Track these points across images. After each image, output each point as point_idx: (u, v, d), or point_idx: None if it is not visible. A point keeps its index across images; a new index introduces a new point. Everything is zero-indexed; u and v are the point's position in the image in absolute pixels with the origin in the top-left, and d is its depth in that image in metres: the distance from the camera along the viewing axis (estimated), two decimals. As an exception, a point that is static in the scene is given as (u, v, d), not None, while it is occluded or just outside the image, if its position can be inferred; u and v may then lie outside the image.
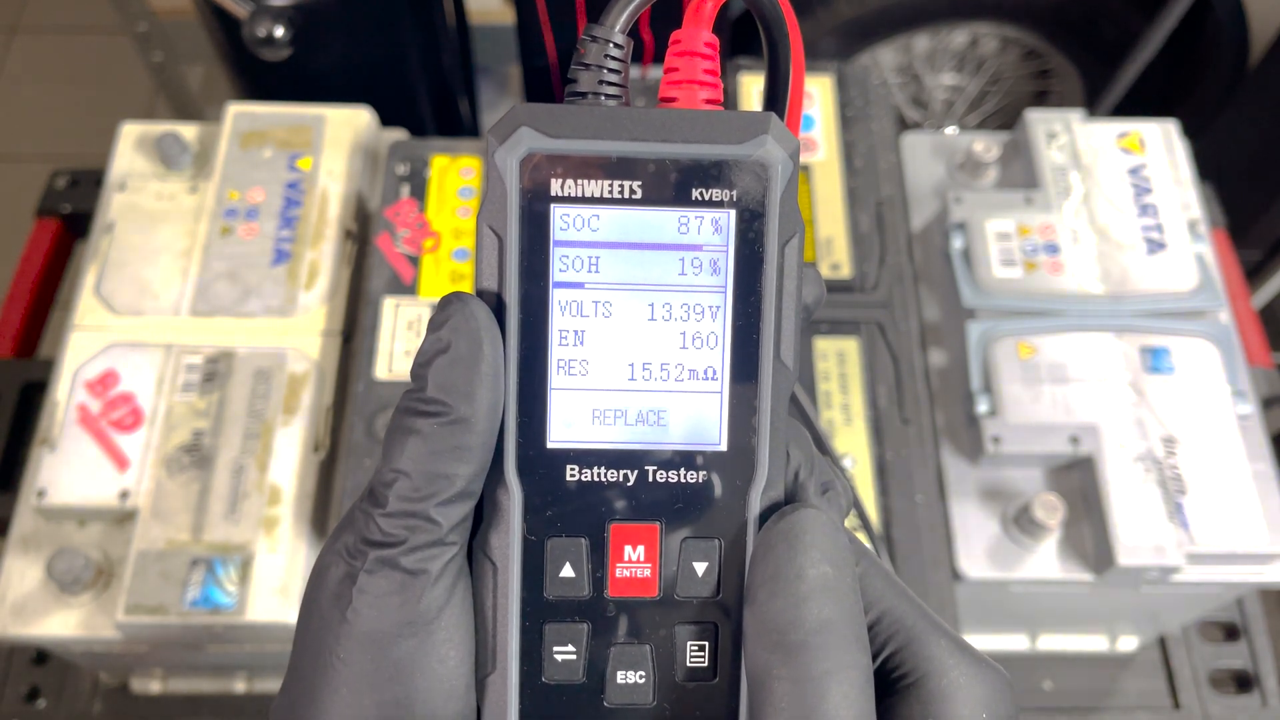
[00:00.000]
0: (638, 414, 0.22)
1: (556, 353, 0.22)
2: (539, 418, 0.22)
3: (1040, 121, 0.69)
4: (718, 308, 0.22)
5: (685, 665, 0.22)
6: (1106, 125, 0.69)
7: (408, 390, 0.22)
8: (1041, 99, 1.51)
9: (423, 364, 0.21)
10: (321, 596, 0.22)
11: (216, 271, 0.63)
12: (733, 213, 0.22)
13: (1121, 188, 0.67)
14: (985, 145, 0.69)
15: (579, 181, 0.21)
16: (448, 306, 0.21)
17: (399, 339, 0.60)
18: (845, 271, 0.62)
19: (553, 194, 0.21)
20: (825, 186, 0.65)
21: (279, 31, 0.71)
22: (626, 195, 0.21)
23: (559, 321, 0.22)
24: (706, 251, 0.22)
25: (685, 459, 0.22)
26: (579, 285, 0.22)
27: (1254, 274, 1.20)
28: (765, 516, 0.22)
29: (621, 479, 0.22)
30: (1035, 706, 0.70)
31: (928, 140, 0.73)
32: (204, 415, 0.59)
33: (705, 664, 0.22)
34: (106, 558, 0.57)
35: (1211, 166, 0.78)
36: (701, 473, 0.22)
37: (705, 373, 0.22)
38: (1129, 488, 0.57)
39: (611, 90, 0.22)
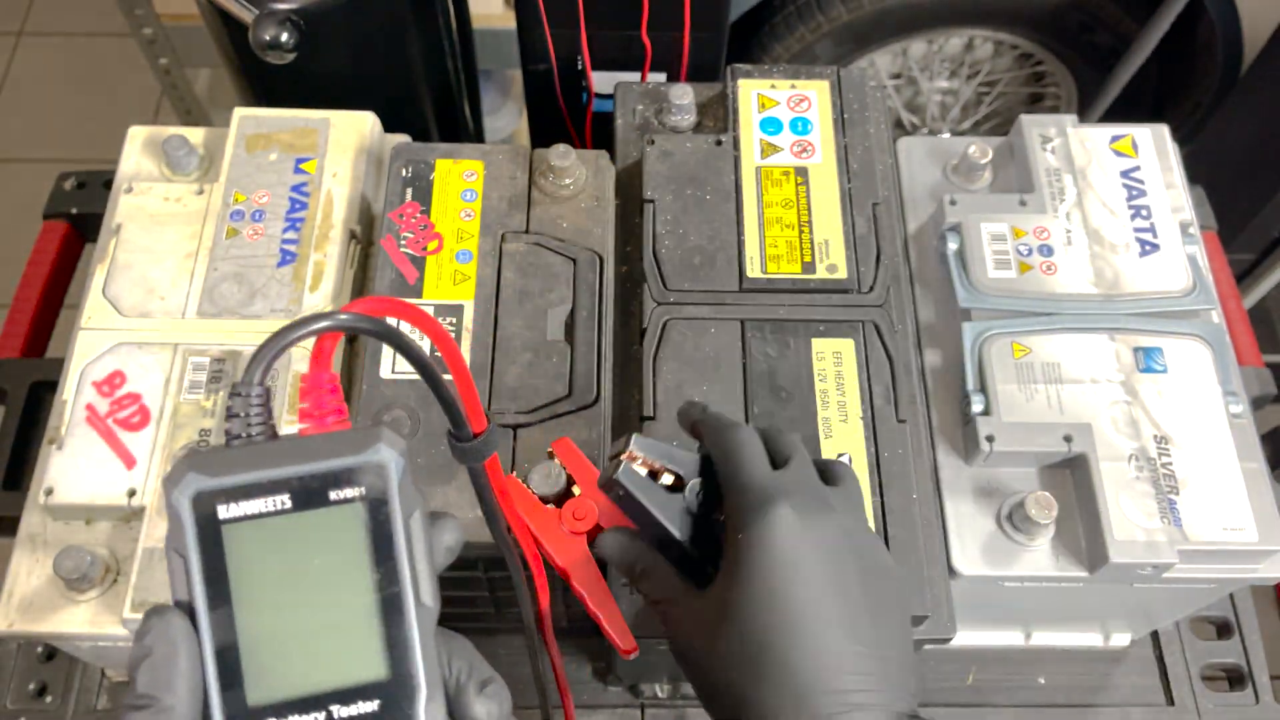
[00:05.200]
0: (316, 667, 0.28)
1: (244, 635, 0.28)
2: (238, 687, 0.27)
3: (1034, 125, 0.70)
4: (367, 575, 0.28)
5: None
6: (1100, 129, 0.70)
7: (127, 689, 0.28)
8: (1036, 103, 1.52)
9: (133, 668, 0.27)
10: None
11: (223, 273, 0.64)
12: (365, 504, 0.28)
13: (1114, 190, 0.68)
14: (980, 149, 0.70)
15: (240, 504, 0.28)
16: (149, 619, 0.28)
17: (403, 339, 0.61)
18: (842, 273, 0.63)
19: (221, 519, 0.28)
20: (822, 189, 0.66)
21: (284, 36, 0.72)
22: (280, 507, 0.28)
23: (241, 612, 0.28)
24: (349, 535, 0.28)
25: (360, 692, 0.28)
26: (254, 581, 0.28)
27: (1244, 276, 1.21)
28: None
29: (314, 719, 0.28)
30: (1029, 702, 0.71)
31: (923, 144, 0.74)
32: (210, 414, 0.60)
33: None
34: (114, 555, 0.58)
35: (1203, 170, 0.79)
36: (375, 701, 0.28)
37: (365, 624, 0.28)
38: (1122, 486, 0.58)
39: (258, 429, 0.29)
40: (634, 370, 0.62)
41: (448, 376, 0.33)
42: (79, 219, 0.79)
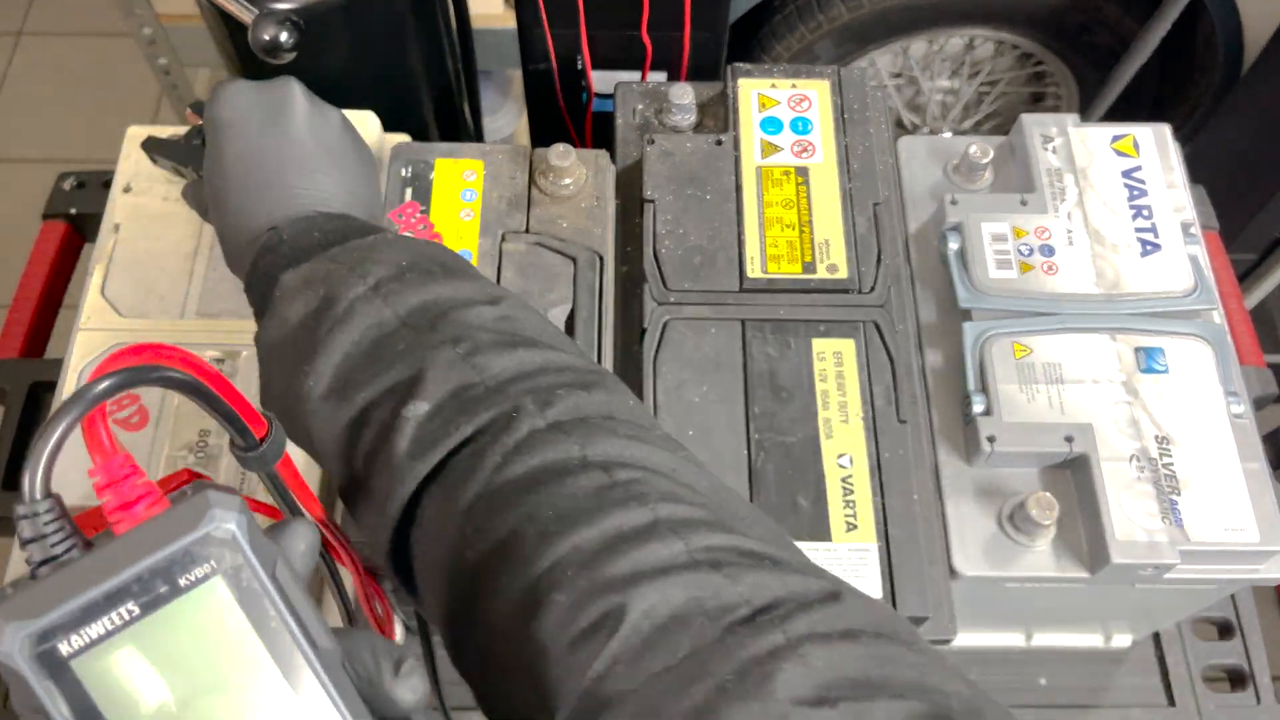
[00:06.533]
0: None
1: None
2: None
3: (1035, 125, 0.70)
4: (255, 647, 0.26)
5: None
6: (1101, 129, 0.70)
7: None
8: (1037, 102, 1.52)
9: None
10: None
11: (222, 273, 0.64)
12: (220, 576, 0.26)
13: (1116, 190, 0.67)
14: (981, 148, 0.69)
15: (81, 631, 0.24)
16: None
17: (402, 339, 0.61)
18: (842, 273, 0.63)
19: (65, 654, 0.24)
20: (823, 189, 0.66)
21: (283, 36, 0.72)
22: (129, 617, 0.24)
23: None
24: (220, 614, 0.26)
25: None
26: (132, 702, 0.25)
27: (1246, 276, 1.21)
28: None
29: None
30: (1030, 703, 0.71)
31: (924, 143, 0.73)
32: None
33: None
34: (113, 555, 0.58)
35: (1204, 170, 0.79)
36: None
37: (274, 695, 0.26)
38: (1123, 486, 0.58)
39: (63, 546, 0.25)
40: (634, 370, 0.62)
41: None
42: (78, 219, 0.79)
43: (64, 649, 0.24)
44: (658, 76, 0.96)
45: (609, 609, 0.31)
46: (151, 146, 0.64)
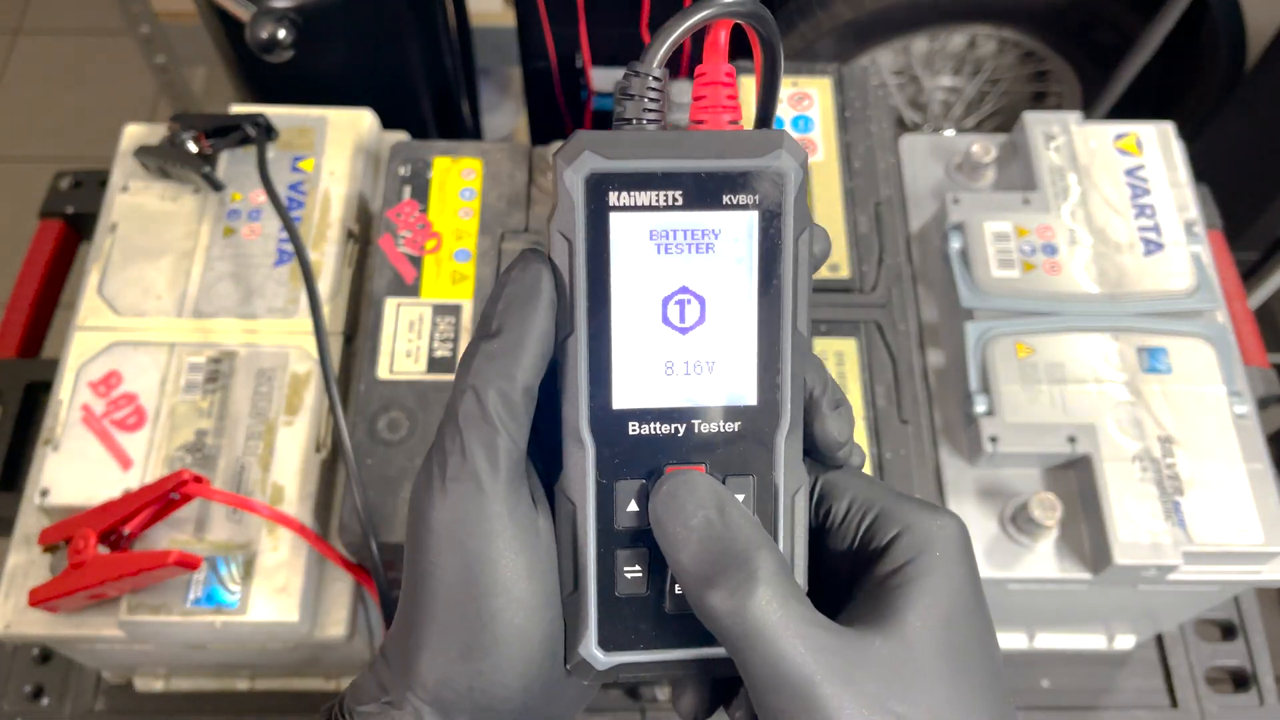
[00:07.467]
0: (684, 379, 0.27)
1: (616, 334, 0.26)
2: (605, 386, 0.27)
3: (1038, 123, 0.69)
4: (747, 292, 0.27)
5: None
6: (1104, 127, 0.70)
7: (479, 321, 0.27)
8: (1039, 101, 1.51)
9: (491, 300, 0.27)
10: (416, 509, 0.26)
11: (219, 272, 0.64)
12: (756, 214, 0.26)
13: (1119, 189, 0.67)
14: (983, 147, 0.69)
15: (632, 194, 0.26)
16: (518, 260, 0.27)
17: (400, 339, 0.60)
18: (844, 272, 0.63)
19: (611, 205, 0.26)
20: (824, 187, 0.66)
21: (281, 34, 0.72)
22: (669, 203, 0.26)
23: (618, 308, 0.26)
24: (738, 245, 0.27)
25: (724, 413, 0.27)
26: (633, 278, 0.26)
27: (1250, 275, 1.20)
28: (792, 455, 0.28)
29: (673, 431, 0.27)
30: (1033, 705, 0.71)
31: (926, 142, 0.73)
32: (207, 415, 0.59)
33: None
34: (110, 556, 0.58)
35: (1208, 168, 0.79)
36: (737, 423, 0.27)
37: (738, 343, 0.27)
38: (1126, 487, 0.57)
39: (653, 116, 0.27)
40: (634, 370, 0.61)
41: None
42: (75, 218, 0.78)
43: (612, 199, 0.26)
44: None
45: None
46: (139, 152, 0.66)
